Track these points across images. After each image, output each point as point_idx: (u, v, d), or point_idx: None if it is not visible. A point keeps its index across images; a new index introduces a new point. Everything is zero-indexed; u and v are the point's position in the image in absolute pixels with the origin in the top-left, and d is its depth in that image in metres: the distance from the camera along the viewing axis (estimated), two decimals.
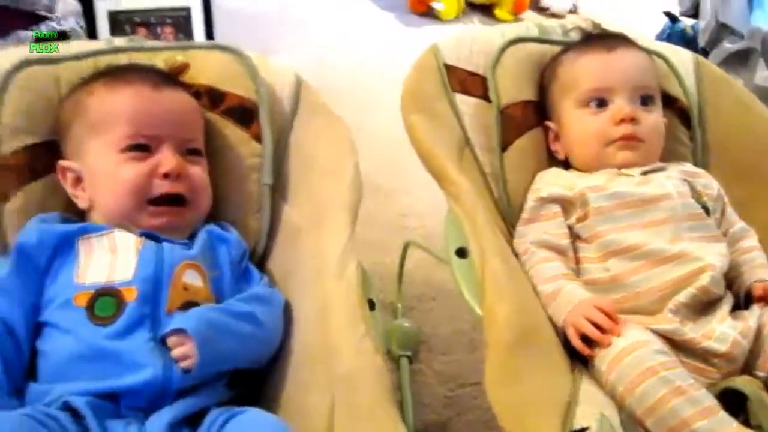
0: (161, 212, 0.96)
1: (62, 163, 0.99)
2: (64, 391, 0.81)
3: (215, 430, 0.80)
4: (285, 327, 0.97)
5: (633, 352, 0.89)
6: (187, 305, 0.89)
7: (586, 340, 0.95)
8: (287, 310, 0.98)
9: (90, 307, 0.86)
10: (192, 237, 0.99)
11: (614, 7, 3.30)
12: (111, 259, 0.91)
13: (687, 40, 2.37)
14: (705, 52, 2.15)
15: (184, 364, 0.84)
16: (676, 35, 2.47)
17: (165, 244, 0.94)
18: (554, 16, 3.09)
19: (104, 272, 0.89)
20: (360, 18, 2.95)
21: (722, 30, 2.11)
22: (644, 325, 0.95)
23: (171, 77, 1.06)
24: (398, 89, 1.15)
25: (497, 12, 3.05)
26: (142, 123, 0.96)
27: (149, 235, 0.95)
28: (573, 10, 3.16)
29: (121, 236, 0.93)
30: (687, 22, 2.53)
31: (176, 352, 0.84)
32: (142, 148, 0.96)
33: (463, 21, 3.02)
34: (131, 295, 0.87)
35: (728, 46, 2.05)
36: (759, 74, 1.92)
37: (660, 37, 2.44)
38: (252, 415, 0.82)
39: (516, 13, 3.06)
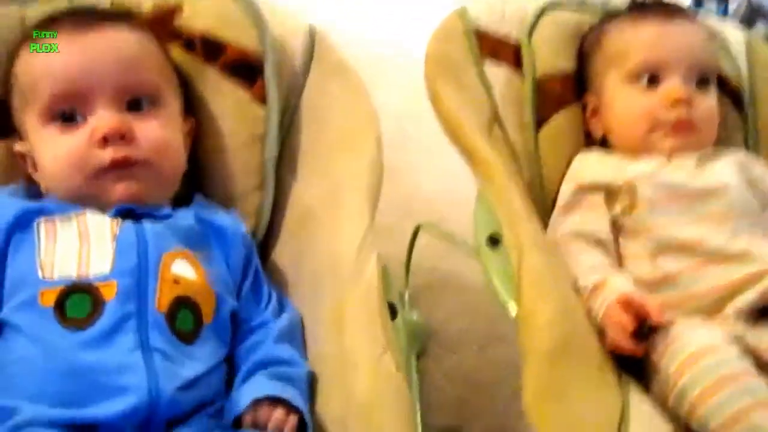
0: (117, 177, 0.79)
1: (17, 147, 0.85)
2: (27, 415, 0.65)
3: None
4: None
5: (710, 354, 0.77)
6: (180, 302, 0.74)
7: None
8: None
9: (59, 307, 0.70)
10: (176, 206, 0.84)
11: None
12: (81, 247, 0.74)
13: None
14: None
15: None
16: None
17: (146, 225, 0.78)
18: None
19: (74, 264, 0.73)
20: None
21: (755, 13, 2.00)
22: None
23: (111, 15, 0.89)
24: (408, 57, 1.02)
25: None
26: (64, 80, 0.80)
27: (124, 211, 0.79)
28: None
29: (93, 219, 0.77)
30: (711, 6, 2.44)
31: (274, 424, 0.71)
32: (68, 116, 0.80)
33: None
34: (110, 292, 0.71)
35: (762, 29, 1.95)
36: None
37: None
38: None
39: None
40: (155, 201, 0.82)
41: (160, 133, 0.82)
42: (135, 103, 0.82)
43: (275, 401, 0.71)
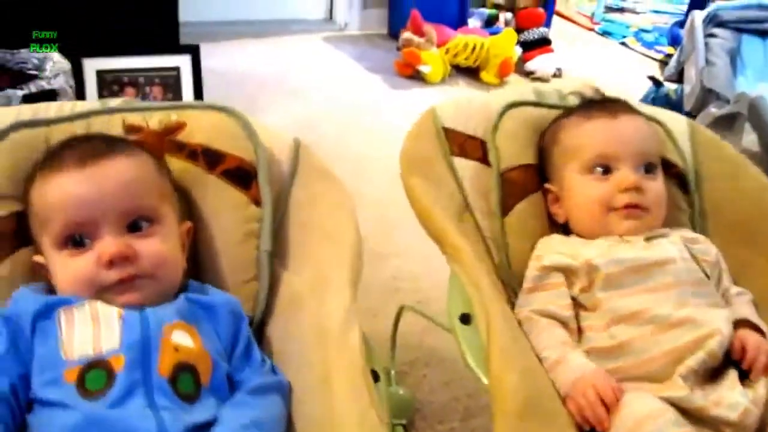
0: (122, 290, 0.90)
1: (35, 258, 0.95)
2: None
3: None
4: None
5: (650, 422, 0.86)
6: (181, 367, 0.85)
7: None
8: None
9: (80, 382, 0.81)
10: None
11: (598, 71, 3.34)
12: (94, 328, 0.86)
13: (671, 105, 2.41)
14: (690, 116, 2.18)
15: None
16: (660, 99, 2.51)
17: (148, 309, 0.89)
18: (539, 79, 3.14)
19: (90, 343, 0.84)
20: (347, 80, 2.97)
21: (708, 95, 2.15)
22: (653, 393, 0.93)
23: (116, 142, 0.99)
24: (387, 151, 1.15)
25: (483, 75, 3.09)
26: (73, 211, 0.90)
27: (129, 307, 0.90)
28: (557, 74, 3.21)
29: (102, 306, 0.88)
30: (671, 87, 2.59)
31: None
32: (77, 241, 0.90)
33: (449, 84, 3.06)
34: (119, 364, 0.82)
35: (714, 110, 2.09)
36: (745, 138, 1.94)
37: (644, 101, 2.50)
38: None
39: (501, 77, 3.10)
40: (156, 304, 0.91)
41: (159, 248, 0.92)
42: (135, 225, 0.92)
43: None
